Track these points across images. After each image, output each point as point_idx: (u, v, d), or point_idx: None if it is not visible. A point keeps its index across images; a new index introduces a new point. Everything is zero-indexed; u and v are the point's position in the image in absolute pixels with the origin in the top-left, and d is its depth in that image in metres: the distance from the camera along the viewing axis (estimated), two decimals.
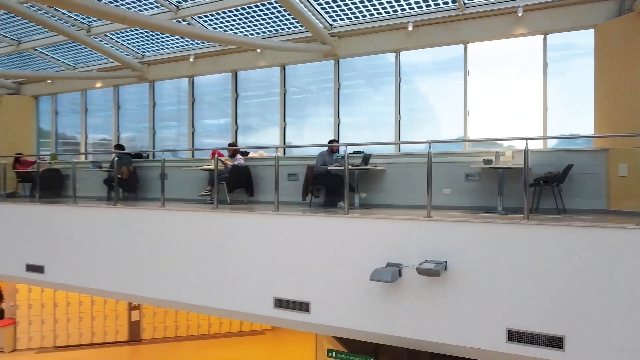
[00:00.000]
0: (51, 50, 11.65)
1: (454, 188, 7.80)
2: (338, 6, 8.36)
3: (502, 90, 7.97)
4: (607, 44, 7.04)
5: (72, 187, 11.72)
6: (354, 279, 6.00)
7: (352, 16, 8.64)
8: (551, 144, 7.66)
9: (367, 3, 8.14)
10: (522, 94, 7.80)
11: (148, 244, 7.71)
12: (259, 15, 8.95)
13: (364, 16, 8.58)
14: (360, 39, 8.86)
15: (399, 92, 8.68)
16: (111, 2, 8.91)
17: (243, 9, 8.75)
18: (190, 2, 8.89)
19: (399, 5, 8.13)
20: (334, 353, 6.50)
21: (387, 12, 8.38)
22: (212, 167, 9.25)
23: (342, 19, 8.77)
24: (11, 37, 11.18)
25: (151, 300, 7.71)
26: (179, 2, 8.93)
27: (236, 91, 10.40)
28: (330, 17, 8.74)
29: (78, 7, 6.44)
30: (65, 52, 11.65)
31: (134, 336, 13.73)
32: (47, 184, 11.70)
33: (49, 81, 12.87)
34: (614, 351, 4.76)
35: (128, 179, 10.56)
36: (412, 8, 8.15)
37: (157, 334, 13.86)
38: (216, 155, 8.42)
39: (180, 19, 9.16)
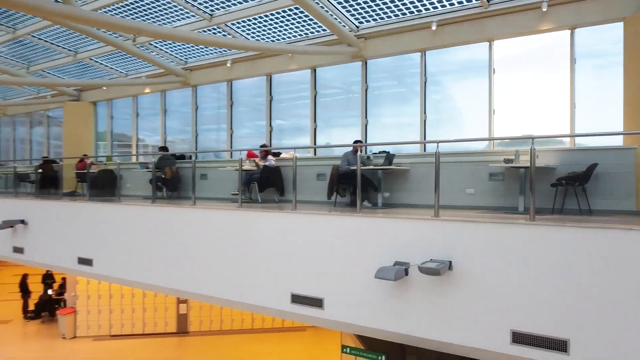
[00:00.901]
0: (105, 59, 12.56)
1: (478, 188, 7.70)
2: (363, 8, 8.48)
3: (529, 88, 7.79)
4: (638, 36, 6.73)
5: (122, 186, 12.66)
6: (364, 277, 6.12)
7: (377, 17, 8.73)
8: (579, 142, 7.41)
9: (390, 4, 8.20)
10: (549, 91, 7.59)
11: (179, 240, 8.20)
12: (287, 20, 9.23)
13: (389, 17, 8.65)
14: (386, 40, 8.94)
15: (424, 92, 8.68)
16: (156, 15, 9.54)
17: (272, 14, 9.09)
18: (222, 10, 9.33)
19: (422, 5, 8.14)
20: (347, 349, 6.66)
21: (412, 13, 8.40)
22: (245, 167, 9.70)
23: (367, 21, 8.88)
24: (69, 48, 12.16)
25: (182, 293, 8.22)
26: (212, 11, 9.39)
27: (270, 94, 10.75)
28: (356, 19, 8.87)
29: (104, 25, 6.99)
30: (117, 60, 12.53)
31: (182, 328, 14.48)
32: (102, 184, 12.59)
33: (104, 88, 13.84)
34: (618, 357, 4.62)
35: (171, 178, 11.19)
36: (435, 7, 8.13)
37: (203, 326, 14.54)
38: (241, 158, 8.78)
39: (214, 27, 9.64)
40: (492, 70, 7.98)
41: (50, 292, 16.06)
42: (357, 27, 9.03)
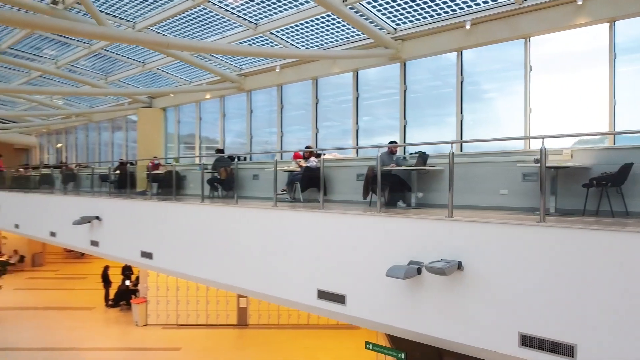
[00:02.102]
0: (170, 68, 13.57)
1: (512, 189, 7.54)
2: (399, 11, 8.58)
3: (566, 85, 7.51)
4: None
5: (186, 186, 13.62)
6: (383, 275, 6.28)
7: (413, 19, 8.78)
8: (620, 141, 7.03)
9: (424, 5, 8.24)
10: (588, 87, 7.27)
11: (221, 236, 8.82)
12: (327, 25, 9.53)
13: (424, 18, 8.66)
14: (423, 41, 8.96)
15: (460, 92, 8.61)
16: (206, 28, 10.26)
17: (311, 20, 9.43)
18: (266, 19, 9.82)
19: (456, 5, 8.10)
20: (370, 345, 6.83)
21: (447, 12, 8.37)
22: (290, 168, 10.15)
23: (404, 23, 8.95)
24: (138, 60, 13.29)
25: (222, 285, 8.82)
26: (257, 20, 9.91)
27: (316, 97, 11.11)
28: (393, 21, 8.97)
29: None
30: (181, 69, 13.49)
31: (242, 321, 15.27)
32: (168, 184, 13.61)
33: (171, 95, 14.93)
34: None
35: (226, 179, 11.89)
36: (469, 6, 8.05)
37: (262, 320, 15.23)
38: (275, 160, 9.18)
39: (259, 35, 10.16)
40: (529, 67, 7.77)
41: (127, 283, 17.57)
42: (395, 29, 9.12)
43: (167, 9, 9.81)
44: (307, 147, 10.29)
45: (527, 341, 5.04)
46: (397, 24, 9.05)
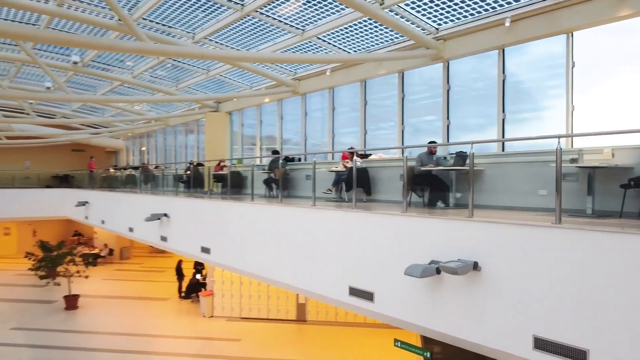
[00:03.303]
0: (231, 74, 14.36)
1: (551, 189, 7.30)
2: (439, 11, 8.58)
3: (611, 81, 7.15)
4: None
5: (247, 186, 14.30)
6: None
7: (454, 18, 8.74)
8: None
9: (463, 4, 8.19)
10: (634, 83, 6.90)
11: (266, 233, 9.29)
12: (370, 28, 9.72)
13: (465, 17, 8.59)
14: (464, 40, 8.88)
15: (502, 90, 8.45)
16: (257, 35, 10.84)
17: (355, 24, 9.67)
18: (312, 25, 10.19)
19: (496, 2, 7.97)
20: (399, 343, 6.95)
21: (487, 10, 8.26)
22: (338, 168, 10.43)
23: (445, 22, 8.93)
24: (202, 67, 14.21)
25: (266, 280, 9.30)
26: (303, 26, 10.31)
27: (365, 98, 11.30)
28: (434, 21, 8.98)
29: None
30: (242, 75, 14.23)
31: (301, 316, 15.76)
32: (231, 183, 14.41)
33: (234, 99, 15.76)
34: None
35: (279, 179, 12.40)
36: (509, 3, 7.90)
37: (320, 317, 15.62)
38: (314, 160, 9.46)
39: (307, 41, 10.56)
40: (571, 63, 7.48)
41: (198, 276, 18.71)
42: (437, 29, 9.12)
43: (220, 20, 10.49)
44: (350, 149, 10.50)
45: (541, 344, 4.97)
46: (439, 24, 9.04)
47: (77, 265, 17.92)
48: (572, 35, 7.50)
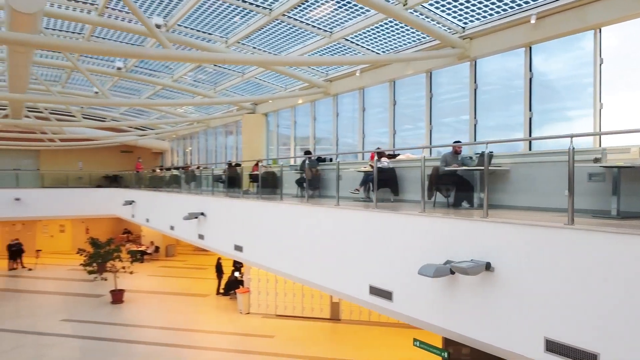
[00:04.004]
0: (266, 77, 14.70)
1: (576, 189, 7.12)
2: (463, 10, 8.52)
3: None
4: None
5: (281, 186, 14.57)
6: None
7: (480, 17, 8.65)
8: None
9: (489, 3, 8.11)
10: None
11: (293, 231, 9.51)
12: (396, 28, 9.75)
13: (491, 15, 8.49)
14: (491, 38, 8.76)
15: (529, 88, 8.29)
16: (286, 40, 11.08)
17: (380, 25, 9.72)
18: (339, 27, 10.32)
19: None
20: (418, 342, 6.98)
21: (512, 8, 8.13)
22: (367, 169, 10.51)
23: (471, 21, 8.85)
24: (237, 70, 14.61)
25: (292, 277, 9.49)
26: (331, 28, 10.45)
27: (394, 99, 11.32)
28: (460, 20, 8.91)
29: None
30: (276, 77, 14.54)
31: (334, 315, 15.91)
32: (265, 183, 14.73)
33: (270, 101, 16.09)
34: None
35: (312, 179, 12.59)
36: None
37: (353, 316, 15.72)
38: (338, 161, 9.57)
39: (334, 43, 10.70)
40: (600, 60, 7.27)
41: (237, 274, 19.20)
42: (463, 27, 9.05)
43: (250, 25, 10.79)
44: (377, 149, 10.55)
45: (552, 347, 4.92)
46: (465, 23, 8.96)
47: (122, 262, 18.77)
48: (600, 31, 7.28)
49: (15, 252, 25.07)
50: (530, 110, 8.30)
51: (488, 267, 5.53)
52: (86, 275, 18.70)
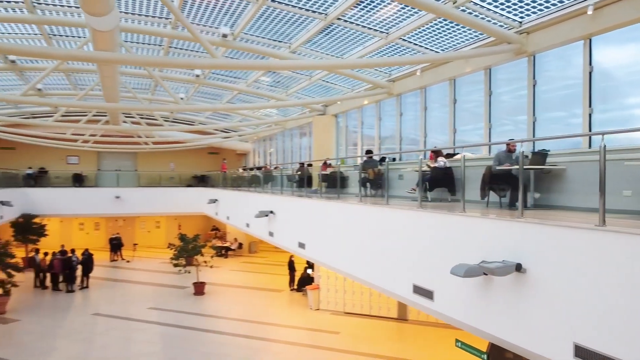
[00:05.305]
0: (333, 79, 15.06)
1: (636, 189, 6.69)
2: (518, 4, 8.28)
3: None
4: None
5: (348, 185, 14.85)
6: None
7: (536, 10, 8.34)
8: None
9: None
10: None
11: (348, 229, 9.75)
12: (452, 26, 9.65)
13: (548, 7, 8.15)
14: (547, 32, 8.40)
15: (589, 83, 7.85)
16: (345, 43, 11.35)
17: (435, 24, 9.68)
18: (395, 27, 10.39)
19: None
20: (459, 343, 6.94)
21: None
22: (423, 168, 10.49)
23: (528, 15, 8.55)
24: (304, 74, 15.12)
25: (347, 274, 9.71)
26: (387, 29, 10.55)
27: (454, 97, 11.16)
28: (516, 15, 8.64)
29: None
30: (343, 79, 14.84)
31: (402, 315, 15.89)
32: (332, 183, 15.08)
33: (338, 102, 16.43)
34: None
35: (374, 179, 12.74)
36: None
37: (421, 316, 15.59)
38: (387, 161, 9.60)
39: (391, 43, 10.80)
40: None
41: (310, 271, 19.74)
42: (520, 22, 8.76)
43: (310, 30, 11.18)
44: (434, 148, 10.48)
45: (582, 353, 4.75)
46: (522, 18, 8.67)
47: (203, 256, 20.09)
48: None
49: (115, 245, 27.67)
50: (590, 106, 7.86)
51: (519, 268, 5.42)
52: (174, 267, 20.19)
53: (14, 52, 11.81)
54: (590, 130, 7.89)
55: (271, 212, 14.53)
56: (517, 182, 8.05)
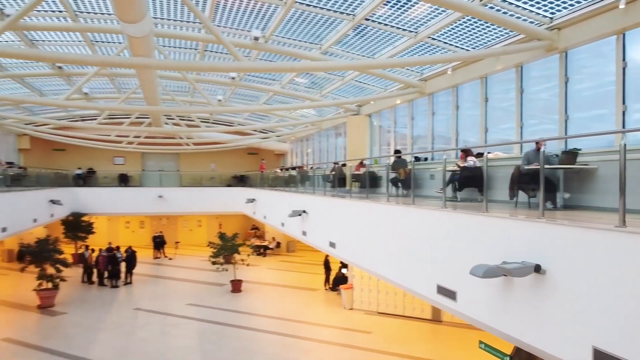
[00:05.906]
0: (366, 79, 15.08)
1: None
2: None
3: None
4: None
5: (383, 185, 14.84)
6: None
7: (567, 5, 8.12)
8: None
9: None
10: None
11: (374, 229, 9.78)
12: (480, 23, 9.51)
13: (578, 2, 7.92)
14: (579, 27, 8.15)
15: (622, 80, 7.58)
16: (374, 43, 11.37)
17: (463, 22, 9.58)
18: (423, 26, 10.33)
19: None
20: (483, 345, 6.86)
21: None
22: (454, 168, 10.38)
23: (559, 10, 8.33)
24: (335, 74, 15.21)
25: (373, 272, 9.74)
26: (416, 28, 10.50)
27: (485, 96, 10.97)
28: (547, 11, 8.44)
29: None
30: (375, 79, 14.84)
31: (436, 316, 15.73)
32: (366, 183, 15.10)
33: (371, 102, 16.42)
34: None
35: (404, 179, 12.68)
36: None
37: (456, 318, 15.31)
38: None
39: (420, 42, 10.74)
40: None
41: (344, 271, 19.80)
42: (551, 18, 8.54)
43: (339, 30, 11.27)
44: (464, 147, 10.36)
45: (601, 357, 4.63)
46: (553, 13, 8.46)
47: (240, 255, 20.52)
48: None
49: (158, 243, 28.62)
50: (623, 103, 7.58)
51: (538, 269, 5.33)
52: (212, 265, 20.70)
53: (53, 59, 12.47)
54: (623, 127, 7.62)
55: (304, 211, 14.69)
56: (546, 182, 7.93)
